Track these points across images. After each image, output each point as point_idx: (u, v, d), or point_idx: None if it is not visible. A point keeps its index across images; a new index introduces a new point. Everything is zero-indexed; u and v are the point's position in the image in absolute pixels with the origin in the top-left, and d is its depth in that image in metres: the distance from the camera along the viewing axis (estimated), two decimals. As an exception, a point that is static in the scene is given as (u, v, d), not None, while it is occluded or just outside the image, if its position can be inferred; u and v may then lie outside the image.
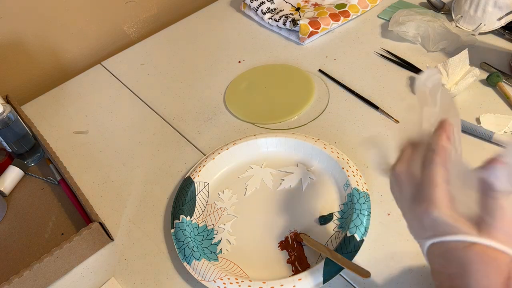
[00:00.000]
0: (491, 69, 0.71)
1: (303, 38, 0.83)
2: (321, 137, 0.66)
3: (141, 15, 0.97)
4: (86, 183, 0.67)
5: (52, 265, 0.52)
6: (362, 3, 0.87)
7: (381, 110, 0.68)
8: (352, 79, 0.74)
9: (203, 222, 0.58)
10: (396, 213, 0.55)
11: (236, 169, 0.63)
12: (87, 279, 0.55)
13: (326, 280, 0.48)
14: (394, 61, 0.76)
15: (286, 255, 0.53)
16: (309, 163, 0.62)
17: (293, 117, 0.70)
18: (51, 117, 0.79)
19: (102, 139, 0.73)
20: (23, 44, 0.82)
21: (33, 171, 0.69)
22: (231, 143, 0.64)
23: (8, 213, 0.64)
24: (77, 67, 0.92)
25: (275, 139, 0.64)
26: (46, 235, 0.60)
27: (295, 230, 0.55)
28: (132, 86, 0.82)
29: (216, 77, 0.81)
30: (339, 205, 0.57)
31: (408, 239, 0.52)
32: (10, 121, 0.65)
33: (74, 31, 0.88)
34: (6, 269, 0.57)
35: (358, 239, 0.51)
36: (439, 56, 0.76)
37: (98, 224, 0.54)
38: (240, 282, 0.49)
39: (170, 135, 0.71)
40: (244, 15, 0.95)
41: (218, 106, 0.75)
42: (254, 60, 0.83)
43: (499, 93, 0.67)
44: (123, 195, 0.64)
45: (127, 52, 0.91)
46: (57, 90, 0.85)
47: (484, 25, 0.76)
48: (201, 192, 0.60)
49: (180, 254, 0.53)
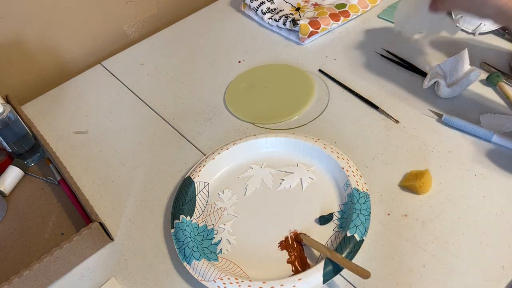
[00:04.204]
0: (491, 69, 0.71)
1: (303, 38, 0.83)
2: (321, 137, 0.66)
3: (141, 15, 0.97)
4: (86, 183, 0.67)
5: (52, 265, 0.52)
6: (362, 3, 0.87)
7: (381, 110, 0.68)
8: (352, 79, 0.75)
9: (203, 222, 0.58)
10: (396, 213, 0.55)
11: (236, 169, 0.63)
12: (87, 279, 0.55)
13: (326, 280, 0.48)
14: (394, 61, 0.76)
15: (286, 255, 0.53)
16: (309, 163, 0.62)
17: (293, 117, 0.70)
18: (51, 117, 0.79)
19: (102, 139, 0.73)
20: (23, 44, 0.82)
21: (33, 171, 0.69)
22: (231, 143, 0.64)
23: (8, 213, 0.64)
24: (77, 67, 0.92)
25: (275, 139, 0.64)
26: (46, 235, 0.60)
27: (295, 230, 0.55)
28: (132, 86, 0.82)
29: (216, 77, 0.81)
30: (339, 205, 0.57)
31: (408, 239, 0.52)
32: (10, 121, 0.65)
33: (74, 31, 0.88)
34: (6, 269, 0.57)
35: (358, 239, 0.51)
36: (438, 56, 0.76)
37: (98, 224, 0.54)
38: (240, 282, 0.49)
39: (170, 135, 0.71)
40: (244, 15, 0.95)
41: (218, 106, 0.75)
42: (254, 60, 0.83)
43: (499, 93, 0.67)
44: (123, 195, 0.64)
45: (127, 52, 0.91)
46: (57, 90, 0.85)
47: (484, 25, 0.76)
48: (201, 192, 0.60)
49: (180, 254, 0.53)
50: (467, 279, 0.48)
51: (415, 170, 0.59)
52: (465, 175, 0.58)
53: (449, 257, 0.50)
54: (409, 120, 0.66)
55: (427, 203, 0.56)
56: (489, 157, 0.59)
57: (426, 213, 0.55)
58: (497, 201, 0.54)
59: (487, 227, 0.52)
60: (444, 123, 0.64)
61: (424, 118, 0.66)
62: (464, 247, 0.51)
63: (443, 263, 0.50)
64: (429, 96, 0.69)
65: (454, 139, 0.62)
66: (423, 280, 0.49)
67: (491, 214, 0.53)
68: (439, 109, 0.67)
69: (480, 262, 0.49)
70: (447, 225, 0.53)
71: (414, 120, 0.66)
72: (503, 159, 0.59)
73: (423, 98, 0.69)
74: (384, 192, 0.58)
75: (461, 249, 0.51)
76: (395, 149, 0.62)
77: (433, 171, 0.59)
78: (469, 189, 0.56)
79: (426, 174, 0.56)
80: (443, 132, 0.63)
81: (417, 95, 0.69)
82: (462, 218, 0.53)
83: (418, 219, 0.54)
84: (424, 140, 0.63)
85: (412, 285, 0.49)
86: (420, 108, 0.67)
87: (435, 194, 0.56)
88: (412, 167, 0.60)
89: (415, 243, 0.52)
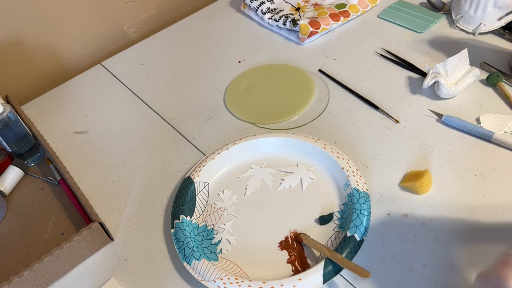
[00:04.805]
0: (491, 69, 0.71)
1: (303, 38, 0.83)
2: (321, 137, 0.66)
3: (141, 15, 0.97)
4: (86, 183, 0.67)
5: (52, 265, 0.52)
6: (362, 3, 0.87)
7: (381, 110, 0.68)
8: (352, 79, 0.75)
9: (203, 222, 0.58)
10: (396, 213, 0.55)
11: (236, 169, 0.63)
12: (87, 279, 0.55)
13: (326, 280, 0.48)
14: (394, 61, 0.76)
15: (286, 255, 0.53)
16: (309, 163, 0.62)
17: (293, 117, 0.70)
18: (51, 117, 0.79)
19: (102, 139, 0.73)
20: (23, 44, 0.82)
21: (33, 171, 0.69)
22: (231, 143, 0.64)
23: (8, 213, 0.64)
24: (77, 67, 0.92)
25: (275, 139, 0.64)
26: (46, 235, 0.60)
27: (295, 230, 0.55)
28: (132, 86, 0.82)
29: (216, 77, 0.81)
30: (339, 205, 0.57)
31: (408, 239, 0.52)
32: (10, 121, 0.65)
33: (74, 31, 0.88)
34: (6, 269, 0.57)
35: (358, 239, 0.51)
36: (438, 56, 0.76)
37: (98, 224, 0.54)
38: (240, 282, 0.49)
39: (170, 135, 0.71)
40: (244, 15, 0.95)
41: (218, 106, 0.75)
42: (254, 60, 0.83)
43: (499, 93, 0.67)
44: (123, 195, 0.64)
45: (127, 52, 0.91)
46: (57, 90, 0.85)
47: (484, 25, 0.76)
48: (201, 192, 0.60)
49: (180, 254, 0.53)
50: (467, 279, 0.48)
51: (415, 170, 0.59)
52: (465, 175, 0.58)
53: (449, 257, 0.50)
54: (409, 120, 0.66)
55: (427, 203, 0.56)
56: (489, 157, 0.59)
57: (426, 213, 0.55)
58: (497, 201, 0.54)
59: (487, 227, 0.52)
60: (444, 123, 0.64)
61: (424, 118, 0.66)
62: (464, 247, 0.51)
63: (443, 263, 0.50)
64: (429, 96, 0.69)
65: (454, 139, 0.62)
66: (423, 280, 0.49)
67: (491, 214, 0.53)
68: (439, 109, 0.67)
69: (480, 262, 0.49)
70: (447, 225, 0.53)
71: (414, 120, 0.66)
72: (503, 159, 0.59)
73: (423, 98, 0.69)
74: (384, 192, 0.58)
75: (461, 249, 0.51)
76: (395, 149, 0.62)
77: (433, 171, 0.59)
78: (469, 189, 0.56)
79: (426, 174, 0.56)
80: (443, 132, 0.63)
81: (417, 95, 0.69)
82: (462, 218, 0.53)
83: (418, 219, 0.54)
84: (424, 140, 0.63)
85: (412, 285, 0.49)
86: (420, 108, 0.67)
87: (435, 194, 0.56)
88: (412, 167, 0.60)
89: (415, 243, 0.52)
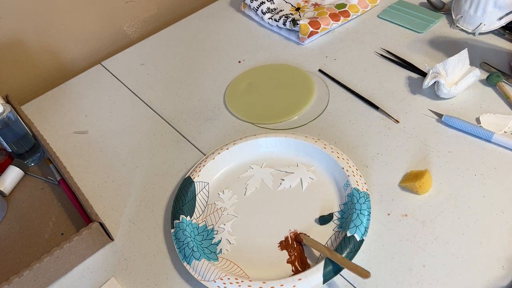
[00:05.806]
0: (491, 69, 0.71)
1: (303, 38, 0.83)
2: (321, 137, 0.66)
3: (141, 15, 0.97)
4: (86, 183, 0.67)
5: (52, 265, 0.52)
6: (362, 3, 0.87)
7: (381, 110, 0.68)
8: (352, 79, 0.75)
9: (203, 222, 0.58)
10: (396, 213, 0.55)
11: (236, 169, 0.63)
12: (87, 279, 0.55)
13: (326, 280, 0.48)
14: (394, 61, 0.76)
15: (286, 255, 0.53)
16: (309, 163, 0.62)
17: (293, 117, 0.70)
18: (51, 117, 0.79)
19: (102, 139, 0.73)
20: (23, 44, 0.83)
21: (33, 171, 0.69)
22: (231, 143, 0.64)
23: (8, 213, 0.64)
24: (77, 67, 0.92)
25: (275, 139, 0.64)
26: (46, 235, 0.60)
27: (295, 230, 0.55)
28: (132, 86, 0.82)
29: (216, 77, 0.81)
30: (339, 205, 0.57)
31: (408, 239, 0.52)
32: (10, 121, 0.65)
33: (74, 31, 0.88)
34: (6, 269, 0.57)
35: (358, 239, 0.51)
36: (438, 56, 0.76)
37: (98, 224, 0.54)
38: (240, 282, 0.49)
39: (170, 135, 0.71)
40: (244, 15, 0.95)
41: (218, 106, 0.75)
42: (254, 60, 0.83)
43: (499, 93, 0.67)
44: (123, 195, 0.64)
45: (127, 52, 0.91)
46: (57, 90, 0.85)
47: (484, 25, 0.76)
48: (201, 192, 0.60)
49: (180, 254, 0.53)
50: (467, 279, 0.48)
51: (415, 170, 0.59)
52: (465, 175, 0.58)
53: (449, 257, 0.50)
54: (409, 120, 0.66)
55: (427, 203, 0.56)
56: (489, 157, 0.59)
57: (426, 213, 0.55)
58: (497, 201, 0.54)
59: (487, 227, 0.52)
60: (444, 123, 0.64)
61: (424, 118, 0.66)
62: (464, 247, 0.51)
63: (443, 263, 0.50)
64: (429, 96, 0.69)
65: (454, 139, 0.62)
66: (423, 280, 0.49)
67: (491, 214, 0.53)
68: (439, 109, 0.67)
69: (480, 262, 0.49)
70: (447, 225, 0.53)
71: (414, 120, 0.66)
72: (503, 159, 0.59)
73: (423, 98, 0.69)
74: (384, 192, 0.58)
75: (461, 249, 0.51)
76: (395, 149, 0.62)
77: (433, 171, 0.59)
78: (469, 189, 0.56)
79: (426, 174, 0.56)
80: (443, 132, 0.63)
81: (417, 95, 0.69)
82: (462, 218, 0.53)
83: (418, 219, 0.54)
84: (424, 140, 0.63)
85: (412, 285, 0.49)
86: (420, 108, 0.67)
87: (435, 194, 0.56)
88: (412, 167, 0.60)
89: (415, 243, 0.52)
